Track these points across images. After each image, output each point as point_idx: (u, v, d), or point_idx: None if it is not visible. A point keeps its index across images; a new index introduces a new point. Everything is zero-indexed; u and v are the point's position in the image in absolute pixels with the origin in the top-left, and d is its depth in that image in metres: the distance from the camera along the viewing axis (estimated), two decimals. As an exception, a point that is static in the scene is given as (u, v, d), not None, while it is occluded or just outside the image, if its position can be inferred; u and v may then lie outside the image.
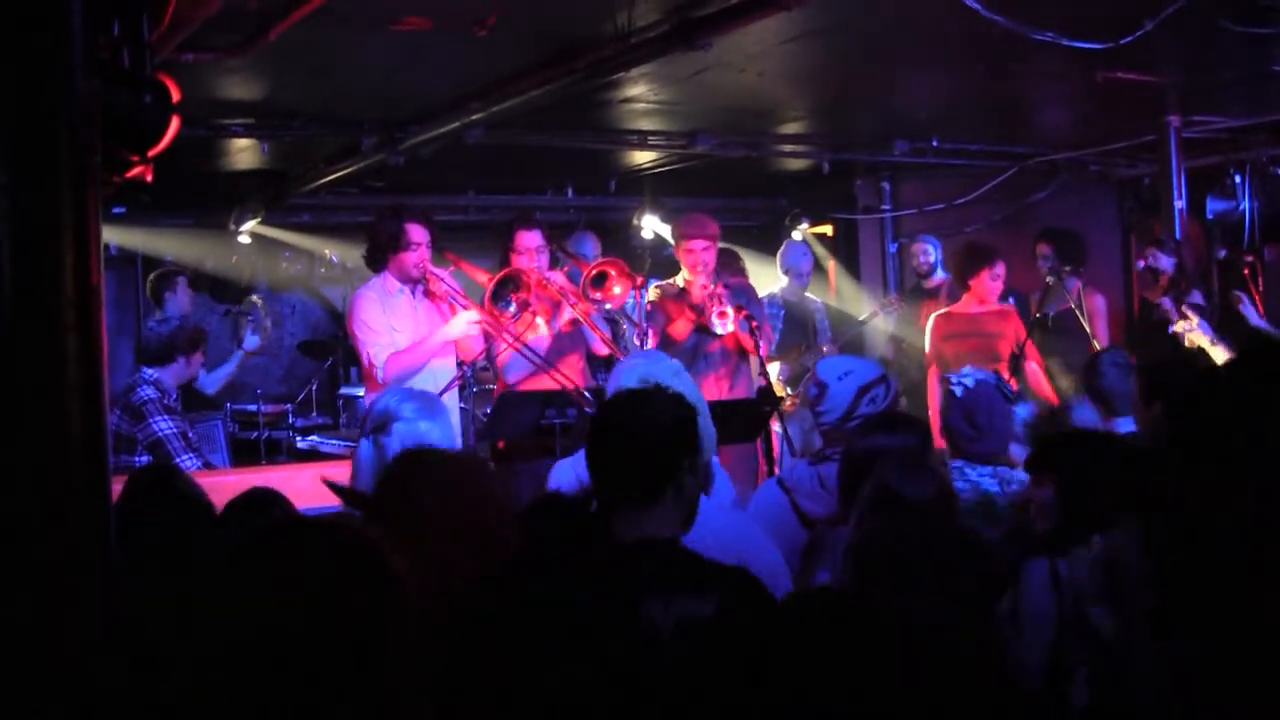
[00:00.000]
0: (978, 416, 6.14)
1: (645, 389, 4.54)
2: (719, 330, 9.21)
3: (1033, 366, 10.61)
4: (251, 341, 11.25)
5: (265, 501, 5.08)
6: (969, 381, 6.29)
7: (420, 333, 8.42)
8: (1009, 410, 6.36)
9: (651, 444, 4.02)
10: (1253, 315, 9.79)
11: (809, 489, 5.93)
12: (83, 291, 2.67)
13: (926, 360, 11.02)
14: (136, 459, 8.39)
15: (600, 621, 3.59)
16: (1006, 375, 9.19)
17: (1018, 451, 6.41)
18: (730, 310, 9.14)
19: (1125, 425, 6.78)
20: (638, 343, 9.18)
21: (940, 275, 12.05)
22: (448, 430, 5.54)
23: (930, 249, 12.11)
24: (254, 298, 12.66)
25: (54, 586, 2.67)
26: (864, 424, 5.68)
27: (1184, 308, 9.40)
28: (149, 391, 8.47)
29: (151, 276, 11.81)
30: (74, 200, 2.68)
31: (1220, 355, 8.66)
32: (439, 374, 8.39)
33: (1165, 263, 10.80)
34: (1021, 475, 6.02)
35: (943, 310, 11.14)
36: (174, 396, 8.71)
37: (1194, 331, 8.89)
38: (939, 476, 5.02)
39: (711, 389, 9.38)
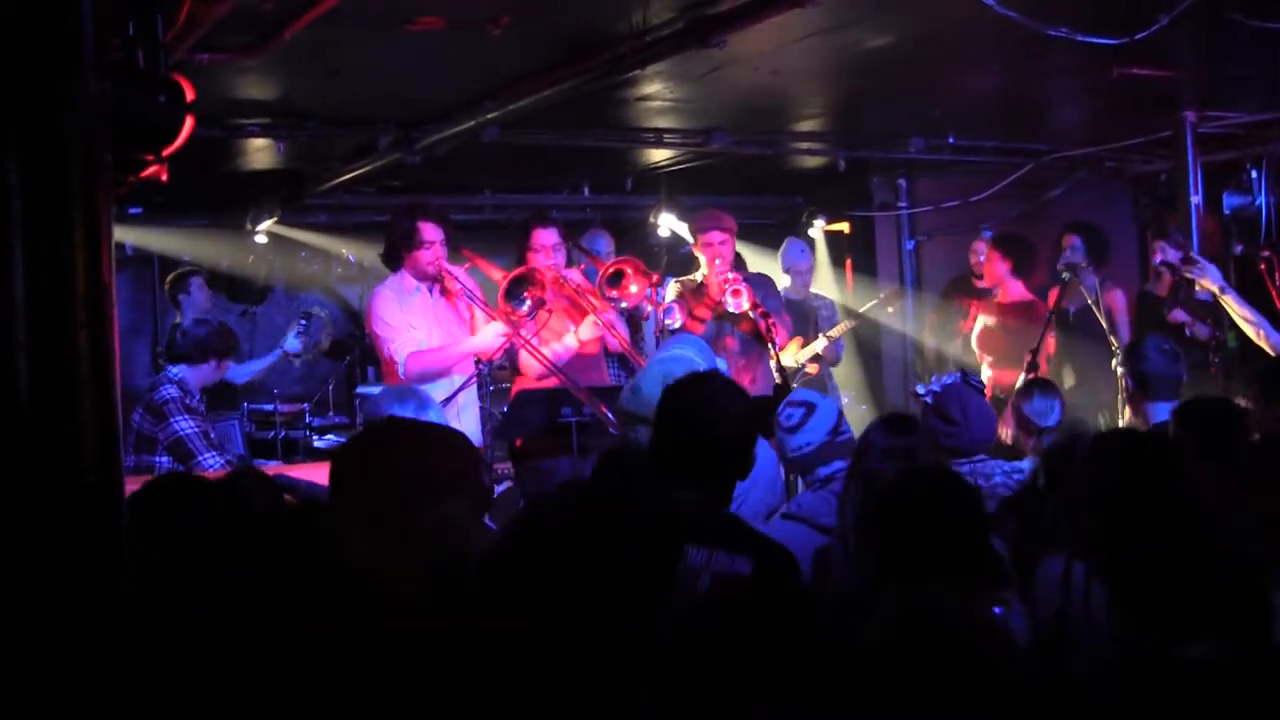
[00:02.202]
0: (950, 410, 6.24)
1: (713, 377, 4.68)
2: (732, 308, 9.25)
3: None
4: (294, 344, 11.29)
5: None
6: (936, 386, 6.39)
7: (436, 329, 8.48)
8: (981, 400, 6.45)
9: (725, 438, 4.27)
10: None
11: (829, 509, 5.90)
12: (94, 289, 2.68)
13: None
14: (157, 459, 8.43)
15: (645, 563, 3.76)
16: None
17: None
18: (744, 289, 9.20)
19: (1161, 411, 6.77)
20: (655, 337, 9.22)
21: None
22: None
23: None
24: (319, 309, 12.74)
25: (66, 585, 2.68)
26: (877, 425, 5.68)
27: (1190, 254, 9.38)
28: (171, 390, 8.51)
29: (169, 279, 11.88)
30: (85, 199, 2.69)
31: (1231, 304, 8.64)
32: (455, 372, 8.43)
33: (1171, 256, 10.80)
34: (1001, 468, 6.10)
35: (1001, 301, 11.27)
36: (196, 397, 8.75)
37: (1204, 278, 8.88)
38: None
39: (732, 381, 9.41)
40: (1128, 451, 4.82)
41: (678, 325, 9.37)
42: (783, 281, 11.68)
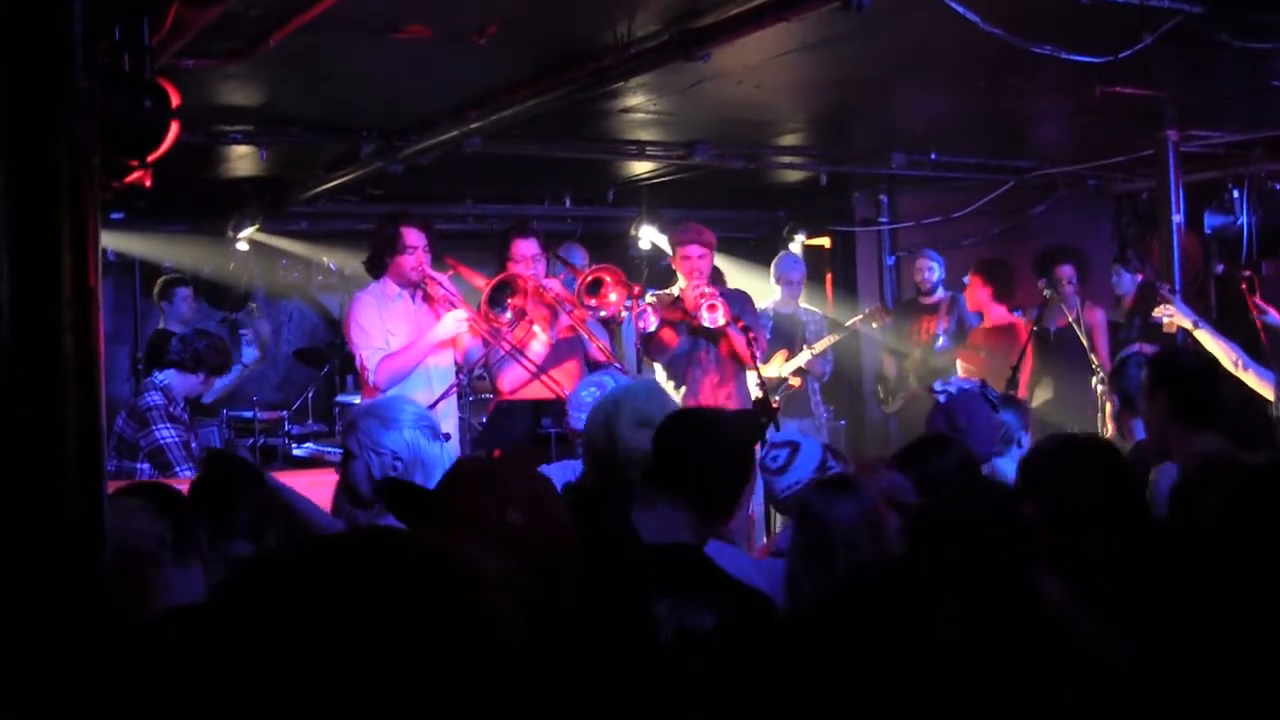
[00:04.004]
0: (959, 418, 6.21)
1: (713, 412, 4.64)
2: (708, 323, 9.22)
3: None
4: (249, 354, 11.27)
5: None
6: (953, 389, 6.36)
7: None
8: (992, 416, 6.41)
9: (727, 468, 4.15)
10: (1273, 318, 9.77)
11: None
12: (80, 293, 2.67)
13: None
14: (138, 465, 8.42)
15: (610, 617, 3.68)
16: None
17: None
18: (720, 304, 9.18)
19: (1143, 429, 6.80)
20: (636, 348, 9.23)
21: (942, 293, 12.05)
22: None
23: (934, 266, 12.06)
24: (251, 305, 12.68)
25: (48, 592, 2.66)
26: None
27: (1162, 292, 9.43)
28: (156, 398, 8.52)
29: (158, 282, 11.89)
30: (72, 202, 2.68)
31: (1206, 339, 8.67)
32: (436, 382, 8.42)
33: (1126, 280, 10.89)
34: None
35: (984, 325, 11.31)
36: (180, 406, 8.74)
37: (1175, 316, 8.90)
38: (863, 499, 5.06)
39: (708, 397, 9.40)
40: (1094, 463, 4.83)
41: (653, 328, 9.36)
42: (773, 293, 11.69)
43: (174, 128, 4.45)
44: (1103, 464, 4.79)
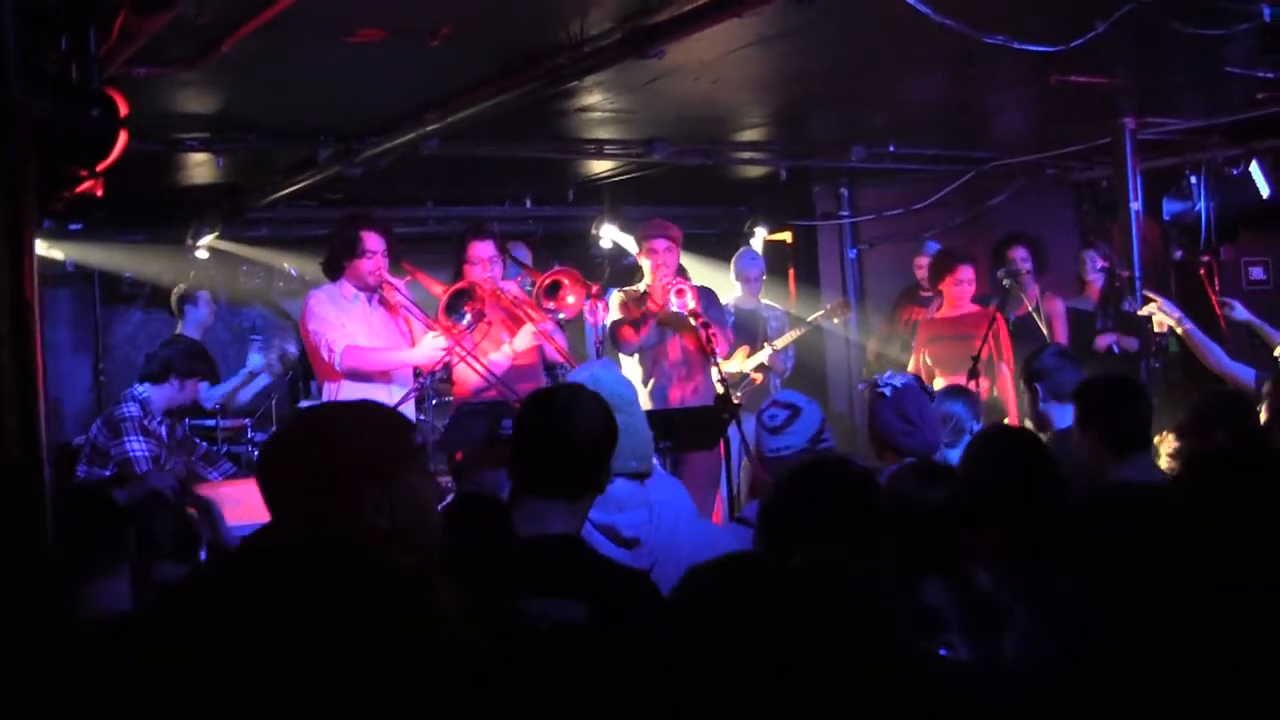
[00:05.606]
0: (908, 410, 6.21)
1: (572, 387, 4.53)
2: (675, 306, 9.26)
3: (1004, 372, 10.64)
4: (256, 361, 11.26)
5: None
6: (897, 382, 6.35)
7: (375, 339, 8.45)
8: (930, 405, 6.46)
9: (585, 447, 4.04)
10: (1240, 312, 9.76)
11: None
12: (18, 305, 2.64)
13: (914, 366, 11.07)
14: (107, 473, 8.41)
15: (485, 616, 3.64)
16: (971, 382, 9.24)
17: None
18: (689, 289, 9.23)
19: (1063, 417, 6.79)
20: (596, 346, 9.25)
21: None
22: None
23: None
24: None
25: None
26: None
27: (1146, 291, 9.47)
28: (131, 409, 8.52)
29: (176, 290, 11.85)
30: (8, 210, 2.66)
31: (1189, 336, 8.69)
32: (395, 385, 8.41)
33: (1099, 265, 10.91)
34: None
35: (928, 316, 11.22)
36: (158, 419, 8.70)
37: (1159, 312, 8.94)
38: None
39: (675, 390, 9.43)
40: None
41: (614, 316, 9.38)
42: (734, 290, 11.70)
43: (123, 136, 4.41)
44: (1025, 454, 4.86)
